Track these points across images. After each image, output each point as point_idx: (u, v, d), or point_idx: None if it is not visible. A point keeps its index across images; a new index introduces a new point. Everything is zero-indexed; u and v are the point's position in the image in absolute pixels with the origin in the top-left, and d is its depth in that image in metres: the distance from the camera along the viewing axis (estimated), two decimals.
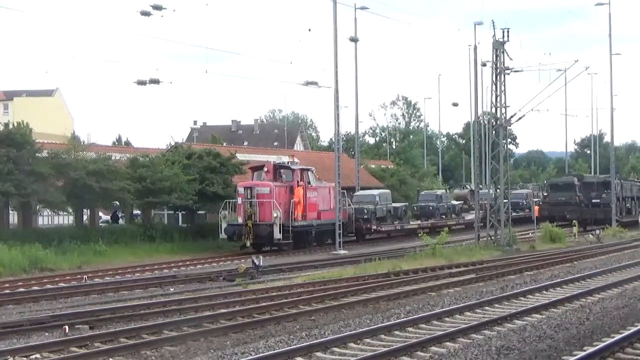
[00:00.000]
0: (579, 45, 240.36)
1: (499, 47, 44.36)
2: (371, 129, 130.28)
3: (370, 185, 63.42)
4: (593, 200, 64.05)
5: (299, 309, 22.17)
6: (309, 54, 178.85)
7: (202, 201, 48.10)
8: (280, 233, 43.09)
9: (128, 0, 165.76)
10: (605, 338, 16.72)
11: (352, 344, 16.64)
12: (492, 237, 44.74)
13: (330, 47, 46.48)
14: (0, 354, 16.42)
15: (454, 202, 66.00)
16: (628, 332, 17.03)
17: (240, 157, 54.56)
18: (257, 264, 31.56)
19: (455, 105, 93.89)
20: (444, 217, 61.98)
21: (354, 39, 55.62)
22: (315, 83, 48.97)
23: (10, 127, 41.85)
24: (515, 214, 48.56)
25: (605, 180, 66.10)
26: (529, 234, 52.47)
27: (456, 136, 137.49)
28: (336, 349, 16.21)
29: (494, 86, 44.66)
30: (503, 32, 44.26)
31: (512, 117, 45.09)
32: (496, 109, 44.97)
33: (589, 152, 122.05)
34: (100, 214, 54.52)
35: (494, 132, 45.78)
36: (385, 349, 15.88)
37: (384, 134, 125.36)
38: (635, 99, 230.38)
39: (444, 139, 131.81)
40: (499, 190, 45.09)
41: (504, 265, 34.24)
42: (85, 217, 48.55)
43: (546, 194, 68.17)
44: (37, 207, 44.88)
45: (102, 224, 53.11)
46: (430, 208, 61.36)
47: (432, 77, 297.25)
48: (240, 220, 43.72)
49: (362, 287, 26.55)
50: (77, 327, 19.38)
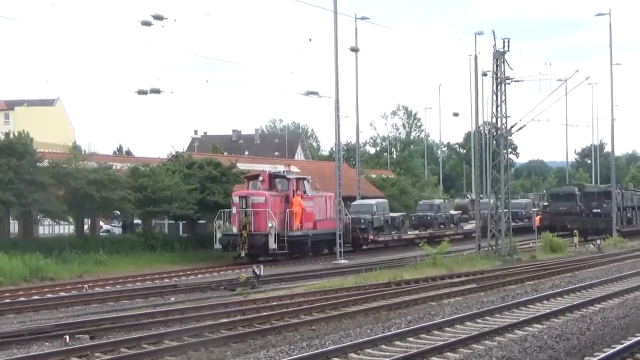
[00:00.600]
0: (579, 55, 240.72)
1: (499, 57, 44.39)
2: (372, 138, 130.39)
3: (371, 195, 63.32)
4: (594, 210, 64.09)
5: (299, 318, 22.13)
6: (309, 64, 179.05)
7: (203, 211, 48.09)
8: (275, 243, 42.70)
9: (129, 11, 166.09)
10: (606, 348, 16.71)
11: (353, 354, 16.63)
12: (493, 247, 44.70)
13: (331, 57, 46.63)
14: None
15: (452, 212, 65.74)
16: (629, 342, 17.02)
17: (241, 166, 54.58)
18: (258, 273, 31.53)
19: (455, 115, 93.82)
20: (442, 227, 61.65)
21: (354, 49, 55.69)
22: (316, 93, 49.01)
23: (11, 136, 41.92)
24: (514, 223, 48.48)
25: (606, 190, 66.13)
26: (529, 243, 52.44)
27: (457, 146, 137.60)
28: (337, 359, 16.20)
29: (494, 96, 44.68)
30: (503, 42, 44.30)
31: (512, 127, 45.10)
32: (497, 119, 44.98)
33: (589, 161, 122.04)
34: (101, 223, 54.53)
35: (494, 142, 45.79)
36: (386, 359, 15.87)
37: (384, 144, 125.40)
38: (635, 109, 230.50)
39: (444, 149, 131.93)
40: (499, 200, 45.07)
41: (505, 275, 34.22)
42: (85, 227, 48.54)
43: (546, 203, 68.17)
44: (38, 217, 44.91)
45: (102, 233, 53.16)
46: (429, 218, 61.04)
47: (433, 87, 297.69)
48: (235, 230, 43.39)
49: (363, 296, 26.52)
50: (77, 336, 19.35)
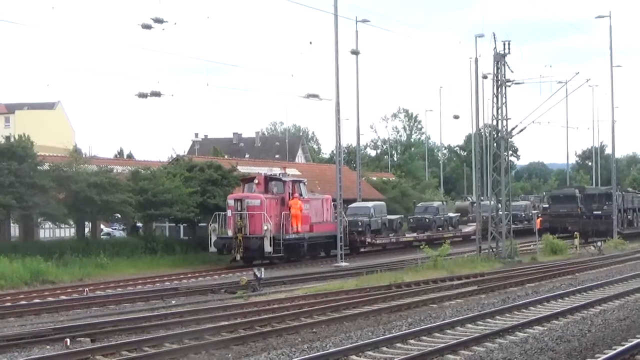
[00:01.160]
0: (579, 58, 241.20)
1: (500, 59, 44.39)
2: (372, 141, 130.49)
3: (372, 197, 63.28)
4: (594, 212, 64.06)
5: (300, 321, 22.13)
6: (310, 67, 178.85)
7: (204, 214, 47.98)
8: (271, 246, 42.27)
9: (129, 14, 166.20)
10: (607, 350, 16.71)
11: (354, 357, 16.63)
12: (494, 249, 44.67)
13: (332, 59, 46.59)
14: None
15: (451, 214, 65.44)
16: (630, 344, 17.02)
17: (242, 169, 54.59)
18: (259, 276, 31.53)
19: (456, 117, 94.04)
20: (440, 229, 61.13)
21: (355, 52, 55.73)
22: (316, 96, 48.92)
23: (12, 140, 41.98)
24: (514, 226, 48.41)
25: (607, 192, 66.11)
26: (530, 246, 52.41)
27: (457, 148, 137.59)
28: None
29: (495, 98, 44.66)
30: (504, 45, 44.29)
31: (513, 129, 45.09)
32: (497, 121, 44.97)
33: (590, 163, 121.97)
34: (102, 226, 54.50)
35: (495, 144, 45.79)
36: None
37: (385, 147, 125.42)
38: (636, 111, 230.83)
39: (445, 151, 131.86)
40: (500, 202, 45.04)
41: (506, 277, 34.20)
42: (86, 230, 48.53)
43: (546, 205, 68.12)
44: (39, 220, 44.88)
45: (103, 236, 53.13)
46: (427, 220, 60.60)
47: (433, 90, 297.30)
48: (230, 233, 43.16)
49: (364, 299, 26.51)
50: (78, 339, 19.35)
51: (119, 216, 48.25)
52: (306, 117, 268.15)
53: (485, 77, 52.67)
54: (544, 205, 68.80)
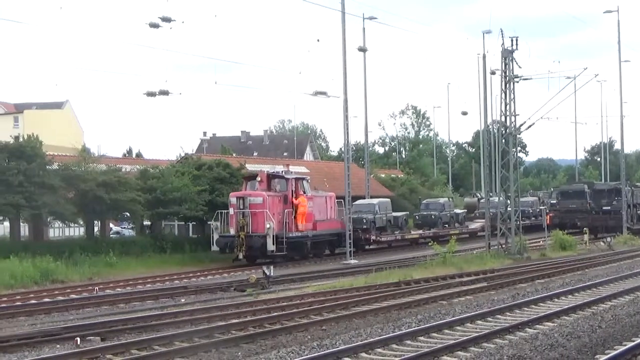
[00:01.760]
0: (588, 53, 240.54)
1: (507, 55, 44.34)
2: (381, 138, 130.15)
3: (381, 194, 63.16)
4: (604, 208, 63.93)
5: (310, 318, 22.14)
6: (318, 64, 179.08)
7: (212, 212, 47.94)
8: (273, 244, 41.78)
9: (137, 13, 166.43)
10: (618, 346, 16.68)
11: (364, 354, 16.63)
12: (503, 246, 44.63)
13: (339, 57, 46.60)
14: None
15: (457, 210, 64.77)
16: None
17: (250, 167, 54.57)
18: (268, 274, 31.54)
19: (464, 114, 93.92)
20: (446, 226, 60.64)
21: (362, 49, 55.65)
22: (324, 93, 48.87)
23: (21, 139, 42.04)
24: (521, 222, 48.19)
25: (616, 188, 65.95)
26: (539, 242, 52.35)
27: (466, 145, 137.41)
28: (347, 359, 16.20)
29: (503, 94, 44.63)
30: (512, 40, 44.27)
31: (521, 125, 45.07)
32: (506, 117, 44.93)
33: (599, 159, 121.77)
34: (111, 225, 54.56)
35: (503, 141, 45.73)
36: (397, 359, 15.87)
37: (393, 144, 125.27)
38: None
39: (453, 148, 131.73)
40: (509, 199, 44.99)
41: (515, 274, 34.17)
42: (95, 229, 48.63)
43: (554, 201, 67.95)
44: (48, 219, 44.98)
45: (112, 235, 53.19)
46: (433, 217, 59.87)
47: (441, 86, 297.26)
48: (232, 231, 42.68)
49: (373, 296, 26.52)
50: (88, 338, 19.39)
51: (128, 215, 48.33)
52: (314, 115, 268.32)
53: (493, 73, 52.70)
54: (552, 201, 68.66)
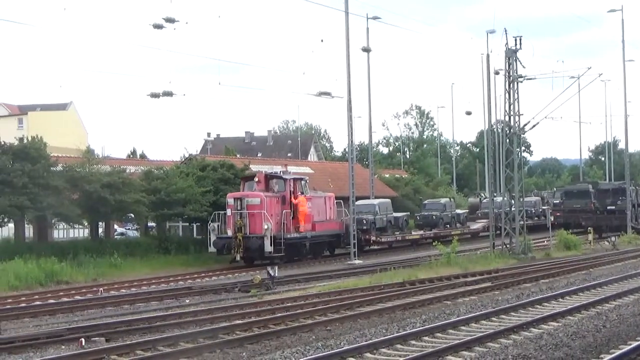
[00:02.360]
0: (592, 52, 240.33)
1: (511, 55, 44.28)
2: (385, 138, 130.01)
3: (385, 194, 63.09)
4: (608, 207, 63.87)
5: (314, 319, 22.14)
6: (321, 65, 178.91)
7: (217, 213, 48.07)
8: (271, 246, 41.31)
9: (141, 14, 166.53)
10: (622, 345, 16.66)
11: (368, 354, 16.63)
12: (507, 245, 44.58)
13: (343, 57, 46.59)
14: None
15: (458, 211, 64.32)
16: None
17: (254, 168, 54.55)
18: (272, 274, 31.54)
19: (468, 113, 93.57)
20: (448, 226, 60.32)
21: (366, 49, 55.64)
22: (328, 93, 48.88)
23: (25, 141, 42.14)
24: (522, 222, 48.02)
25: (620, 187, 65.90)
26: (543, 241, 52.29)
27: (470, 145, 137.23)
28: (352, 359, 16.19)
29: (507, 94, 44.57)
30: (515, 40, 44.20)
31: (525, 125, 45.01)
32: (510, 117, 44.88)
33: (603, 159, 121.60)
34: (116, 226, 54.59)
35: (507, 140, 45.66)
36: (402, 359, 15.87)
37: (397, 144, 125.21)
38: None
39: (457, 148, 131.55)
40: (513, 198, 44.92)
41: (520, 274, 34.13)
42: (100, 230, 48.68)
43: (557, 201, 67.85)
44: (53, 221, 45.04)
45: (117, 236, 53.22)
46: (434, 217, 59.46)
47: (445, 86, 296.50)
48: (229, 232, 42.34)
49: (378, 296, 26.52)
50: (93, 339, 19.42)
51: (133, 216, 48.35)
52: (318, 115, 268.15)
53: (497, 73, 52.48)
54: (555, 201, 68.55)
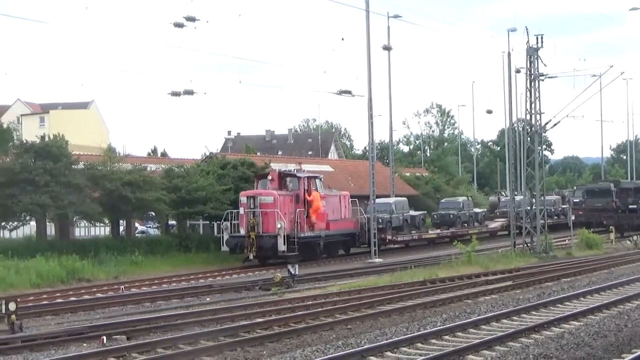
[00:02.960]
0: (613, 51, 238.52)
1: (532, 53, 44.11)
2: (405, 137, 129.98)
3: (405, 193, 62.97)
4: (630, 206, 63.44)
5: (335, 317, 22.13)
6: (342, 63, 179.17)
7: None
8: (285, 245, 40.88)
9: (161, 13, 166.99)
10: None
11: (389, 353, 16.60)
12: (528, 244, 44.43)
13: (364, 56, 46.56)
14: None
15: (476, 209, 63.88)
16: None
17: (275, 166, 54.56)
18: (293, 272, 31.57)
19: (489, 112, 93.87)
20: (465, 225, 59.70)
21: (387, 48, 55.61)
22: (348, 92, 48.73)
23: (47, 139, 42.29)
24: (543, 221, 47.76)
25: None
26: (565, 240, 52.07)
27: (490, 143, 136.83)
28: (373, 358, 16.18)
29: (528, 93, 44.40)
30: (537, 38, 44.03)
31: (547, 123, 44.83)
32: (531, 116, 44.70)
33: (625, 157, 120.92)
34: (137, 224, 54.72)
35: (528, 139, 45.50)
36: (422, 358, 15.84)
37: (418, 142, 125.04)
38: None
39: (478, 146, 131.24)
40: (534, 197, 44.74)
41: (541, 272, 34.00)
42: (121, 228, 48.83)
43: (576, 200, 67.44)
44: (74, 219, 45.19)
45: (138, 234, 53.35)
46: (451, 216, 58.83)
47: (466, 85, 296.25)
48: (242, 231, 41.87)
49: (398, 295, 26.49)
50: (114, 337, 19.49)
51: (153, 214, 48.45)
52: (339, 114, 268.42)
53: (518, 71, 52.38)
54: (575, 200, 68.14)
